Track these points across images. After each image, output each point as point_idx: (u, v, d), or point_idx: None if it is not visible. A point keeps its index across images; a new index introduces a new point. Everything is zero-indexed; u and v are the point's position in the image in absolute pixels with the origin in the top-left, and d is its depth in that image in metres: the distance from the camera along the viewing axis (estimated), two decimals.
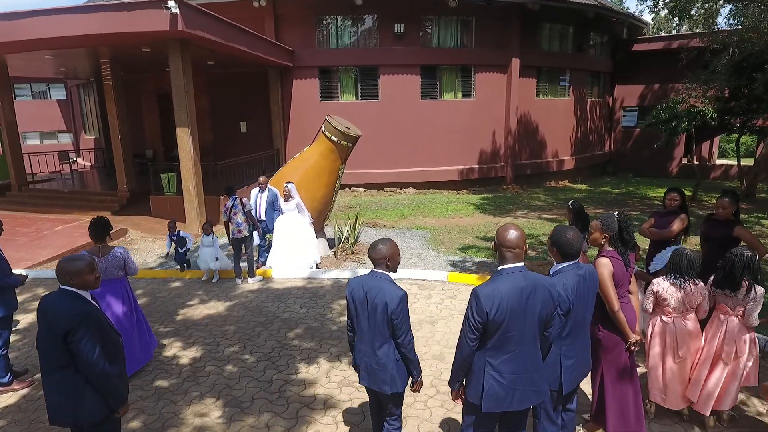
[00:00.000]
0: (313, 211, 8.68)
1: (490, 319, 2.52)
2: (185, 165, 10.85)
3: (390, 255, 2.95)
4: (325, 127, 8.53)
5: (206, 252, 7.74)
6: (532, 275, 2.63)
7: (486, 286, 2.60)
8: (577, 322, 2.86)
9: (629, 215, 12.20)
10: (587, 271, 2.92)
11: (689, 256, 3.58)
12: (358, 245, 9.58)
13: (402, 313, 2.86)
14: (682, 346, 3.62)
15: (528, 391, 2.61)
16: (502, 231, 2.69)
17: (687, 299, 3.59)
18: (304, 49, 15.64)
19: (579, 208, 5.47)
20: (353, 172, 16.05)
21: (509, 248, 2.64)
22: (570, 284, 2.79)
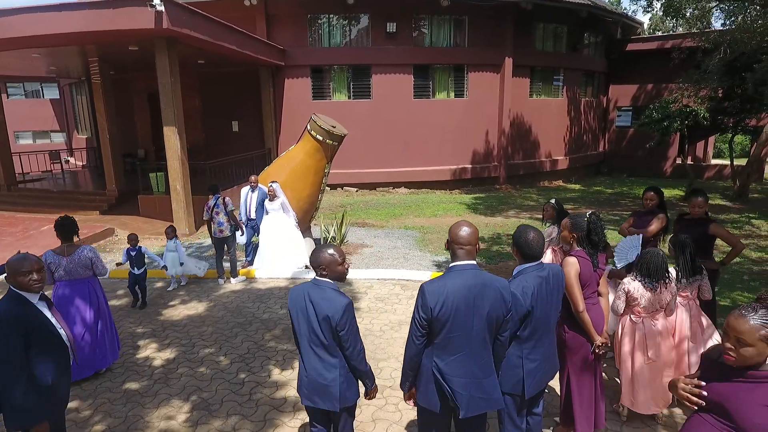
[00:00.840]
0: (298, 211, 8.61)
1: (434, 316, 2.43)
2: (172, 164, 10.76)
3: (326, 264, 2.75)
4: (311, 126, 8.45)
5: (170, 257, 7.32)
6: (483, 275, 2.54)
7: (434, 282, 2.51)
8: (540, 324, 2.77)
9: (613, 215, 12.14)
10: (551, 272, 2.84)
11: (660, 257, 3.51)
12: (345, 245, 9.51)
13: (347, 323, 2.65)
14: (651, 347, 3.56)
15: (476, 398, 2.51)
16: (454, 228, 2.61)
17: (657, 299, 3.53)
18: (295, 48, 15.57)
19: (562, 207, 5.41)
20: (345, 171, 16.02)
21: (460, 245, 2.56)
22: (531, 286, 2.70)
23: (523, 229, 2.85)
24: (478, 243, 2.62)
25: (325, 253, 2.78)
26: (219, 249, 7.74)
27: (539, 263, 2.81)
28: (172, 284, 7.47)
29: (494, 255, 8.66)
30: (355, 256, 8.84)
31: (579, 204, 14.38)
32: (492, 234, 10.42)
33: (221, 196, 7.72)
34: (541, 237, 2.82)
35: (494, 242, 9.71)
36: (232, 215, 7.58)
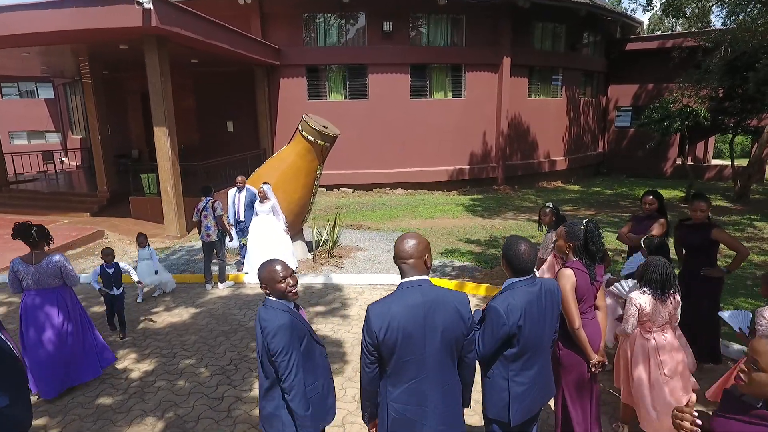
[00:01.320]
0: (289, 213, 8.38)
1: (380, 341, 2.16)
2: (163, 165, 10.52)
3: (265, 281, 2.50)
4: (302, 127, 8.21)
5: (143, 266, 6.78)
6: (435, 290, 2.26)
7: (379, 303, 2.25)
8: (530, 344, 2.51)
9: (612, 216, 11.89)
10: (545, 288, 2.58)
11: (665, 264, 3.26)
12: (338, 248, 9.27)
13: (280, 350, 2.32)
14: (667, 363, 3.29)
15: (437, 429, 2.25)
16: (398, 242, 2.33)
17: (666, 311, 3.28)
18: (291, 47, 15.33)
19: (559, 211, 5.17)
20: (341, 172, 15.79)
21: (403, 260, 2.28)
22: (518, 304, 2.44)
23: (513, 240, 2.60)
24: (427, 255, 2.32)
25: (263, 269, 2.51)
26: (207, 253, 7.51)
27: (530, 277, 2.56)
28: (140, 296, 6.92)
29: (491, 258, 8.42)
30: (347, 260, 8.60)
31: (578, 205, 14.15)
32: (489, 237, 10.18)
33: (213, 199, 7.49)
34: (533, 249, 2.57)
35: (491, 245, 9.46)
36: (220, 220, 7.36)
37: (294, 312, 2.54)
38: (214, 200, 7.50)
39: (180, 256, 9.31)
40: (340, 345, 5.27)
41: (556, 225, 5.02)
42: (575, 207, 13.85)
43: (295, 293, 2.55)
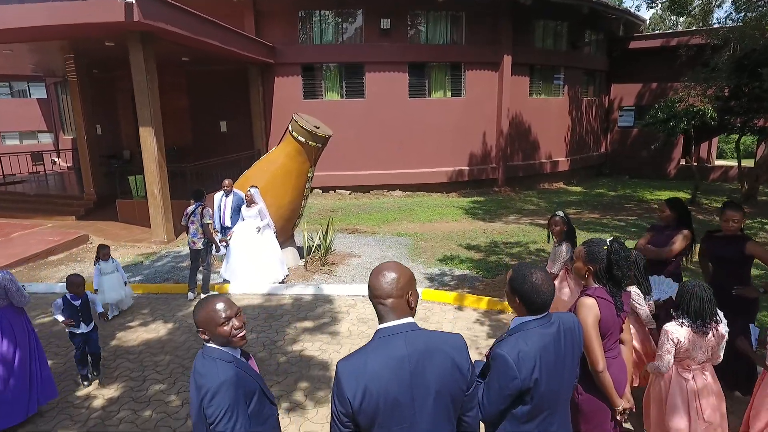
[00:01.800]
0: (279, 219, 7.88)
1: (355, 410, 1.65)
2: (149, 167, 10.01)
3: (203, 325, 2.00)
4: (292, 127, 7.71)
5: (107, 281, 6.11)
6: (421, 337, 1.75)
7: (351, 359, 1.74)
8: (547, 401, 1.99)
9: (618, 220, 11.38)
10: (562, 326, 2.05)
11: (706, 290, 2.75)
12: (331, 255, 8.76)
13: (221, 415, 1.85)
14: (707, 408, 2.77)
15: None
16: (373, 276, 1.81)
17: (707, 345, 2.77)
18: (286, 45, 14.81)
19: (570, 221, 4.66)
20: (338, 173, 15.29)
21: (379, 299, 1.77)
22: (532, 351, 1.92)
23: (525, 271, 2.05)
24: (411, 293, 1.80)
25: (199, 309, 1.98)
26: (193, 260, 7.04)
27: (545, 315, 2.05)
28: (111, 311, 6.23)
29: (492, 267, 7.90)
30: (341, 268, 8.09)
31: (581, 208, 13.63)
32: (490, 242, 9.67)
33: (203, 204, 7.00)
34: (550, 279, 2.05)
35: (492, 251, 8.95)
36: (206, 228, 6.87)
37: (241, 362, 2.01)
38: (204, 206, 7.01)
39: (165, 263, 8.81)
40: (327, 367, 4.76)
41: (567, 236, 4.52)
42: (579, 210, 13.33)
43: (243, 337, 2.01)
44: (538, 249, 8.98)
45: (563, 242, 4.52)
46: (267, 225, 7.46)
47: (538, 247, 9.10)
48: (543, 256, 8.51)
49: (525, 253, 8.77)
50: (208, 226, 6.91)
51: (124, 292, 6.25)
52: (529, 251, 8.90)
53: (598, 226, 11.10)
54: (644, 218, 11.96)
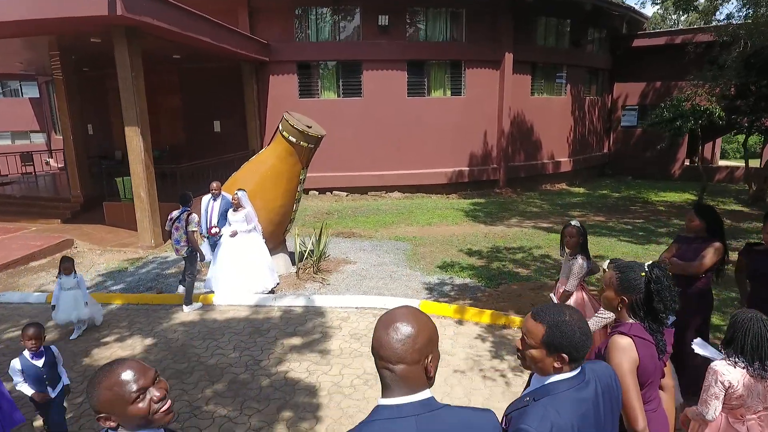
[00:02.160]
0: (269, 223, 7.40)
1: None
2: (135, 169, 9.53)
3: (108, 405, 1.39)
4: (282, 126, 7.23)
5: (67, 298, 5.48)
6: (441, 422, 1.25)
7: None
8: None
9: (624, 223, 10.89)
10: (599, 385, 1.55)
11: (765, 323, 2.27)
12: (325, 261, 8.28)
13: None
14: None
15: None
16: (381, 326, 1.32)
17: (766, 392, 2.29)
18: (281, 42, 14.32)
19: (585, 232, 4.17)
20: (334, 174, 14.81)
21: (386, 362, 1.28)
22: (567, 424, 1.42)
23: (561, 316, 1.54)
24: (431, 355, 1.31)
25: (96, 385, 1.41)
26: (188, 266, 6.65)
27: (579, 372, 1.55)
28: (76, 331, 5.68)
29: (495, 275, 7.42)
30: (335, 275, 7.60)
31: (586, 210, 13.14)
32: (491, 247, 9.18)
33: (190, 210, 6.54)
34: (586, 324, 1.56)
35: (494, 257, 8.46)
36: (190, 236, 6.38)
37: None
38: (190, 212, 6.54)
39: (150, 270, 8.32)
40: (314, 393, 4.27)
41: (581, 248, 4.03)
42: (583, 212, 12.85)
43: (168, 411, 1.47)
44: (543, 255, 8.49)
45: (578, 255, 4.04)
46: (254, 229, 6.97)
47: (542, 253, 8.62)
48: (548, 263, 8.03)
49: (529, 260, 8.28)
50: (194, 234, 6.43)
51: (80, 312, 5.57)
52: (533, 257, 8.41)
53: (604, 229, 10.61)
54: (651, 221, 11.47)
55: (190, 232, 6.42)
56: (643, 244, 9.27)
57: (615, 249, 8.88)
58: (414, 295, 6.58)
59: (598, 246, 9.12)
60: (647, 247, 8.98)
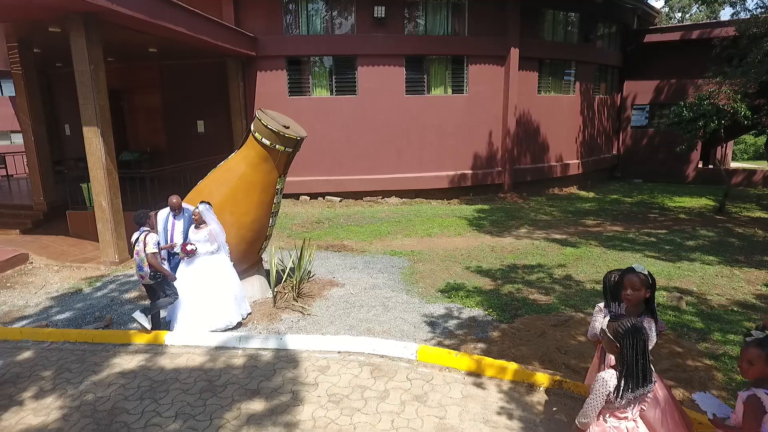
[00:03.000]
0: (241, 242, 6.16)
1: None
2: (96, 175, 8.29)
3: None
4: (255, 127, 5.99)
5: None
6: None
7: None
8: None
9: (646, 234, 9.63)
10: None
11: None
12: (309, 282, 7.04)
13: None
14: None
15: None
16: None
17: None
18: (268, 36, 13.07)
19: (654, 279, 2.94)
20: (327, 178, 13.58)
21: None
22: None
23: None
24: None
25: None
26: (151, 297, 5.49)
27: None
28: None
29: (508, 303, 6.16)
30: (318, 302, 6.36)
31: (600, 218, 11.87)
32: (502, 265, 7.92)
33: (148, 229, 5.33)
34: None
35: (505, 278, 7.21)
36: (151, 260, 5.18)
37: None
38: (149, 232, 5.32)
39: (107, 292, 7.08)
40: None
41: (647, 306, 2.80)
42: (598, 220, 11.59)
43: None
44: (563, 276, 7.24)
45: (644, 315, 2.80)
46: (219, 250, 5.74)
47: (565, 273, 7.37)
48: (570, 287, 6.78)
49: (546, 281, 7.04)
50: (154, 256, 5.22)
51: None
52: (552, 278, 7.16)
53: (625, 242, 9.36)
54: (676, 232, 10.22)
55: (150, 255, 5.21)
56: (673, 261, 8.02)
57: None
58: (411, 332, 5.33)
59: (622, 263, 7.88)
60: (679, 266, 7.73)
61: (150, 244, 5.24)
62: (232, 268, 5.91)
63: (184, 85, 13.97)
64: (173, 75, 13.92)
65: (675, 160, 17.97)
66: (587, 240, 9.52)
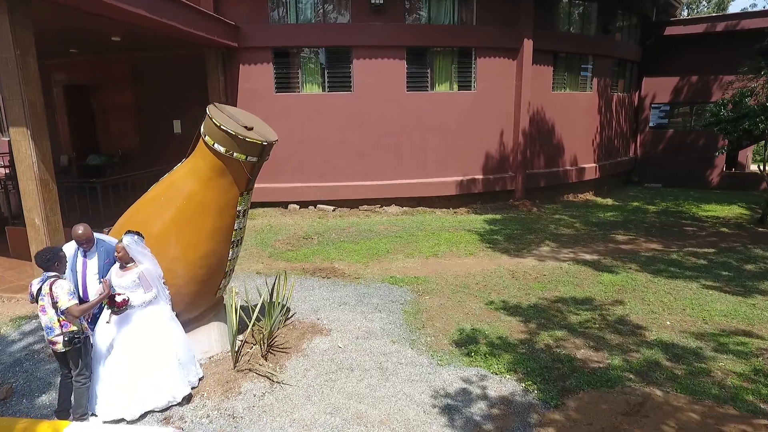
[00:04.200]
0: (191, 282, 4.50)
1: None
2: (26, 187, 6.62)
3: None
4: (205, 128, 4.35)
5: None
6: None
7: None
8: None
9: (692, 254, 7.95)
10: None
11: None
12: (286, 327, 5.39)
13: None
14: None
15: None
16: None
17: None
18: (252, 24, 11.38)
19: None
20: (319, 185, 11.92)
21: None
22: None
23: None
24: None
25: None
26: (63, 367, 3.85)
27: None
28: None
29: (548, 366, 4.50)
30: (293, 362, 4.70)
31: (630, 231, 10.19)
32: (529, 299, 6.25)
33: (56, 276, 3.71)
34: None
35: (539, 322, 5.54)
36: (67, 317, 3.57)
37: None
38: (55, 279, 3.68)
39: (32, 341, 5.41)
40: None
41: None
42: (628, 235, 9.93)
43: None
44: (617, 319, 5.57)
45: None
46: (156, 299, 4.08)
47: (613, 313, 5.71)
48: (627, 335, 5.12)
49: (594, 327, 5.37)
50: (69, 312, 3.59)
51: None
52: (599, 321, 5.50)
53: (671, 265, 7.69)
54: (725, 252, 8.55)
55: (74, 310, 3.58)
56: (742, 294, 6.35)
57: (707, 306, 5.97)
58: (420, 425, 3.66)
59: (677, 295, 6.23)
60: (753, 302, 6.06)
61: (63, 296, 3.60)
62: (174, 320, 4.26)
63: (159, 81, 12.29)
64: (146, 69, 12.25)
65: (698, 164, 16.35)
66: (624, 263, 7.85)
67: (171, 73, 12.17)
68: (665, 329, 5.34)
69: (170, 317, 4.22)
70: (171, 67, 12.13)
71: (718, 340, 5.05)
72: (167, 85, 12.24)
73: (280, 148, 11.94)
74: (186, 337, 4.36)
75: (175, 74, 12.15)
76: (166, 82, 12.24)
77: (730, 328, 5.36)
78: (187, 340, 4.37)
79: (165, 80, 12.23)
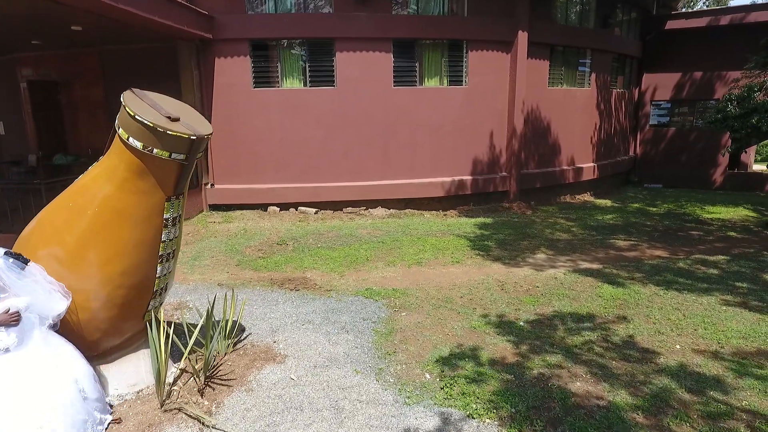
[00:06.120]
0: (108, 305, 3.70)
1: None
2: None
3: None
4: (120, 119, 3.55)
5: None
6: None
7: None
8: None
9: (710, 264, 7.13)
10: None
11: None
12: (236, 351, 4.59)
13: None
14: None
15: None
16: None
17: None
18: (228, 15, 10.59)
19: None
20: (300, 186, 11.13)
21: None
22: None
23: None
24: None
25: None
26: None
27: None
28: None
29: (538, 405, 3.71)
30: (234, 398, 3.90)
31: (632, 236, 9.41)
32: (519, 316, 5.46)
33: None
34: None
35: (530, 345, 4.75)
36: None
37: None
38: None
39: None
40: None
41: None
42: (630, 240, 9.14)
43: None
44: (621, 341, 4.78)
45: None
46: (22, 341, 3.27)
47: (614, 334, 4.91)
48: (635, 362, 4.32)
49: (593, 351, 4.58)
50: None
51: None
52: (611, 342, 4.71)
53: (679, 275, 6.90)
54: (738, 259, 7.75)
55: None
56: (762, 312, 5.55)
57: (722, 325, 5.17)
58: None
59: (687, 311, 5.44)
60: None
61: None
62: (75, 354, 3.45)
63: (132, 76, 11.36)
64: (117, 63, 11.50)
65: (700, 164, 15.59)
66: (627, 272, 7.06)
67: (144, 67, 11.40)
68: (674, 354, 4.55)
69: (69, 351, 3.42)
70: (144, 61, 11.38)
71: (737, 369, 4.26)
72: (140, 80, 11.33)
73: (259, 147, 11.19)
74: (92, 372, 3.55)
75: (149, 69, 11.37)
76: (139, 77, 11.34)
77: (751, 352, 4.57)
78: (94, 377, 3.56)
79: (137, 75, 11.39)
